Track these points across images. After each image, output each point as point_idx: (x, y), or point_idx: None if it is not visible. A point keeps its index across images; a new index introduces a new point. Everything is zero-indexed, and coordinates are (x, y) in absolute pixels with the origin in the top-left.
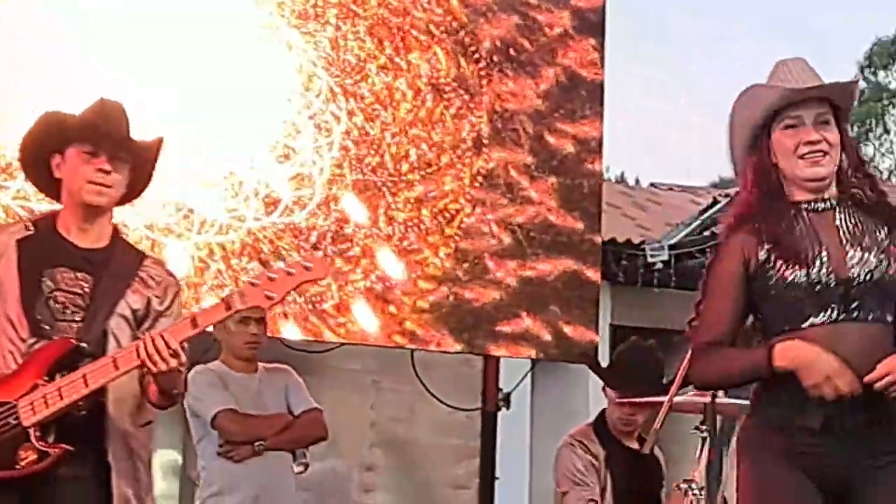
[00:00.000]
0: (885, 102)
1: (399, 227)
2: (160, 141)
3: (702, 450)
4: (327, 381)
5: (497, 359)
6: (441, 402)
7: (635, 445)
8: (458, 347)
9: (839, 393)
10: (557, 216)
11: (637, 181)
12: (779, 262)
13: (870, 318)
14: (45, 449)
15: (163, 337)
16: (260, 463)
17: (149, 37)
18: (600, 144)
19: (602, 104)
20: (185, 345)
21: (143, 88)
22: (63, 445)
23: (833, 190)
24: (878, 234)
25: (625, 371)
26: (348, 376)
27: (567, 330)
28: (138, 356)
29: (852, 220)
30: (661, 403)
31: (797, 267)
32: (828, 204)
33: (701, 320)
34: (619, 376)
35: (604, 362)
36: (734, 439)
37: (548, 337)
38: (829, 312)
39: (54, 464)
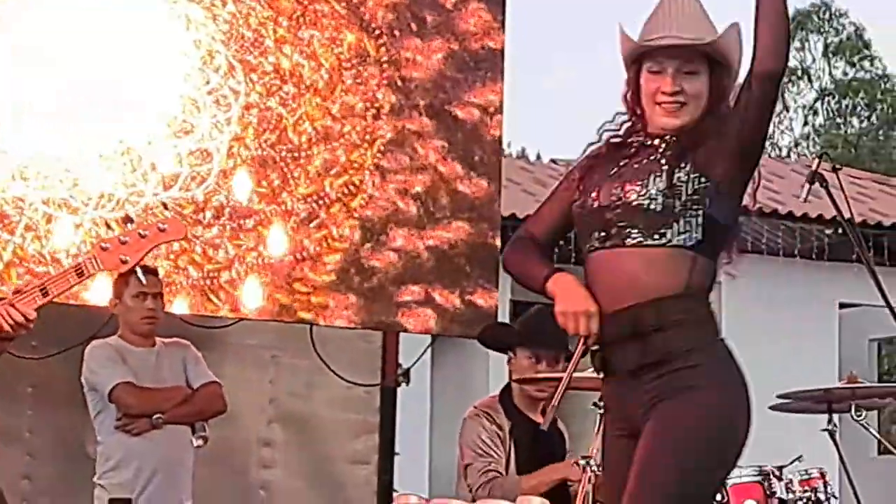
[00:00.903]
0: (785, 80)
1: (300, 200)
2: None
3: (599, 426)
4: (226, 357)
5: (396, 334)
6: (340, 377)
7: (540, 419)
8: (359, 321)
9: (577, 332)
10: (461, 184)
11: (538, 156)
12: (579, 188)
13: (643, 243)
14: None
15: (17, 308)
16: (158, 436)
17: (45, 10)
18: (500, 111)
19: (502, 74)
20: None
21: (39, 65)
22: None
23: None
24: (677, 172)
25: (532, 326)
26: (247, 351)
27: (470, 299)
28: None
29: (663, 158)
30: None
31: (582, 194)
32: (657, 141)
33: (534, 212)
34: (527, 332)
35: None
36: None
37: (450, 306)
38: (596, 239)
39: None
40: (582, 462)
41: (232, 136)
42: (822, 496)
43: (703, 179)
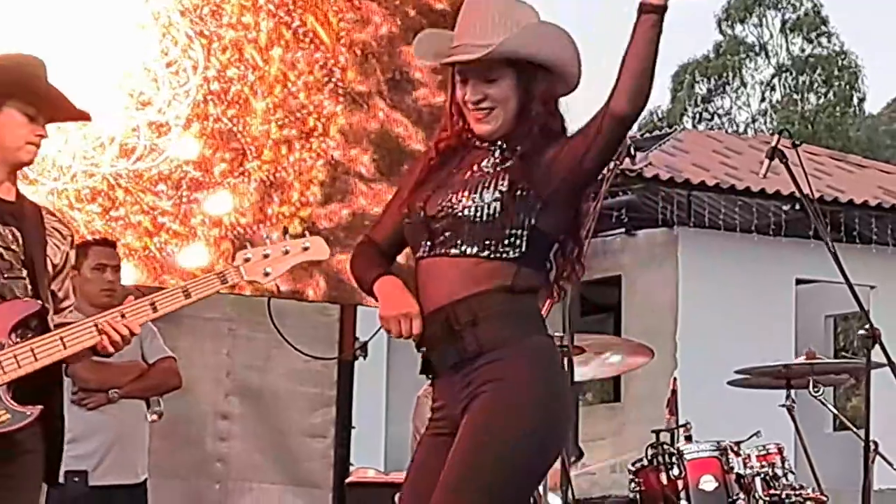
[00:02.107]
0: (742, 55)
1: (260, 171)
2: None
3: None
4: (183, 330)
5: (354, 307)
6: (297, 350)
7: None
8: (317, 294)
9: (399, 334)
10: (423, 145)
11: None
12: (412, 195)
13: (467, 252)
14: (17, 409)
15: (128, 326)
16: (114, 411)
17: None
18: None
19: None
20: None
21: None
22: (38, 406)
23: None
24: (502, 181)
25: None
26: (204, 324)
27: None
28: (117, 336)
29: (483, 164)
30: None
31: (413, 202)
32: (487, 146)
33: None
34: None
35: None
36: None
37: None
38: (424, 246)
39: (30, 424)
40: None
41: (190, 108)
42: (779, 471)
43: (531, 193)
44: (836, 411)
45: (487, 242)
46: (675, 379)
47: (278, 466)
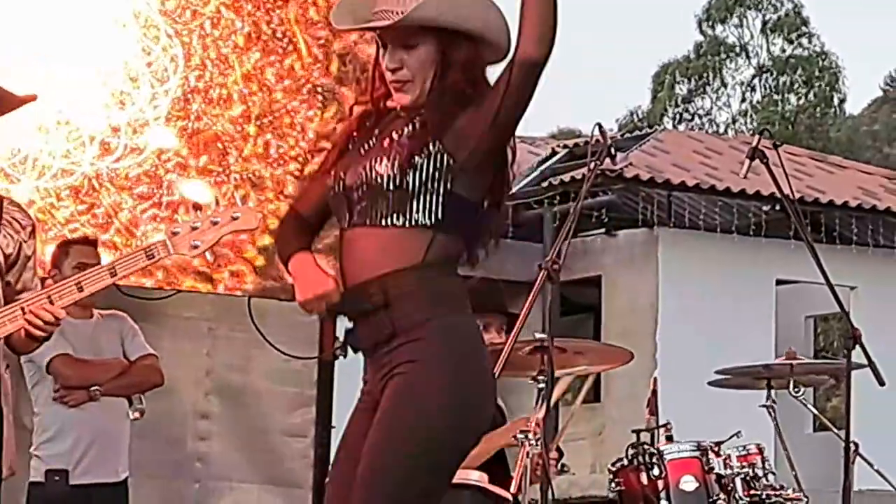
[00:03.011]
0: (723, 56)
1: (239, 170)
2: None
3: (538, 400)
4: (163, 329)
5: None
6: (277, 349)
7: None
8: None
9: (318, 310)
10: None
11: None
12: (335, 165)
13: (382, 222)
14: None
15: (51, 312)
16: (95, 408)
17: None
18: None
19: None
20: None
21: None
22: None
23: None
24: (416, 149)
25: (477, 294)
26: (184, 324)
27: None
28: (40, 322)
29: (400, 132)
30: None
31: (336, 172)
32: (405, 115)
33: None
34: (473, 300)
35: None
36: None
37: None
38: (345, 218)
39: None
40: (520, 436)
41: (169, 107)
42: (759, 471)
43: (445, 158)
44: (816, 412)
45: (402, 210)
46: (655, 379)
47: (258, 466)
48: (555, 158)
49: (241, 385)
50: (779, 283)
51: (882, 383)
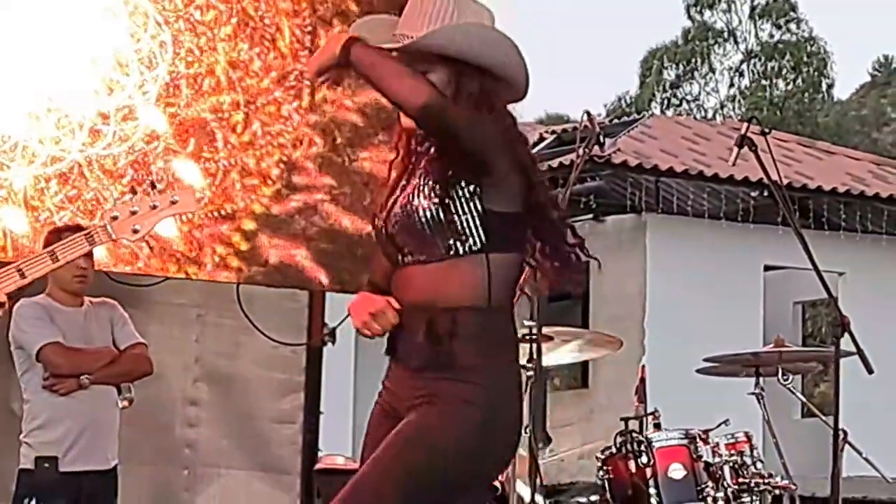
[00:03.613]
0: (711, 41)
1: (228, 157)
2: None
3: (527, 389)
4: (152, 316)
5: (323, 293)
6: (266, 336)
7: None
8: (285, 280)
9: (375, 331)
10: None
11: None
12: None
13: (420, 259)
14: None
15: None
16: (85, 396)
17: None
18: None
19: None
20: None
21: None
22: None
23: None
24: (426, 179)
25: None
26: (173, 310)
27: None
28: None
29: (427, 166)
30: None
31: (381, 209)
32: (425, 144)
33: None
34: None
35: None
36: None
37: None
38: (398, 259)
39: None
40: None
41: (158, 94)
42: (748, 459)
43: (463, 181)
44: (804, 399)
45: (445, 242)
46: (643, 367)
47: (247, 452)
48: (543, 144)
49: (229, 372)
50: (767, 268)
51: (871, 371)
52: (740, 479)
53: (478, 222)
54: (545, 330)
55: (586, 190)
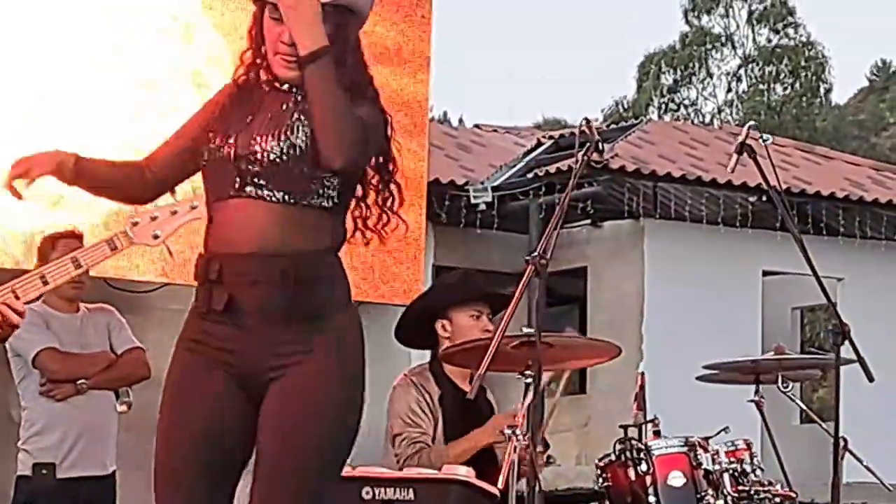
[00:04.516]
0: (709, 46)
1: None
2: None
3: (525, 395)
4: (150, 321)
5: None
6: None
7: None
8: None
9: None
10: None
11: (461, 121)
12: (211, 131)
13: (276, 196)
14: None
15: (16, 309)
16: (83, 402)
17: None
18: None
19: (429, 41)
20: None
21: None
22: None
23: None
24: (306, 126)
25: (468, 282)
26: (172, 316)
27: (393, 263)
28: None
29: (289, 107)
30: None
31: (214, 138)
32: (286, 87)
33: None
34: (465, 288)
35: None
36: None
37: (373, 271)
38: (231, 187)
39: None
40: (507, 431)
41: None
42: (748, 467)
43: None
44: (803, 406)
45: (299, 187)
46: (642, 374)
47: None
48: (540, 149)
49: None
50: (765, 274)
51: (871, 379)
52: (740, 487)
53: (335, 183)
54: (544, 336)
55: (584, 195)
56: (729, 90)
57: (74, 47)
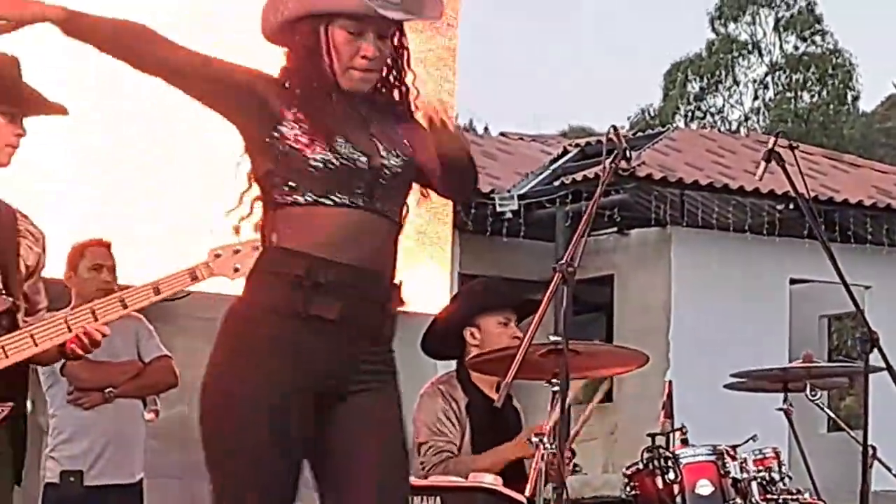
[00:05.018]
0: (735, 54)
1: None
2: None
3: (553, 403)
4: (177, 330)
5: None
6: None
7: (496, 395)
8: None
9: None
10: None
11: (486, 129)
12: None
13: (387, 213)
14: None
15: (100, 331)
16: (110, 410)
17: None
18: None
19: (454, 49)
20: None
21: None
22: (8, 403)
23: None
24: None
25: (496, 289)
26: (199, 325)
27: (419, 272)
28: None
29: (381, 121)
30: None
31: (317, 134)
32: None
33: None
34: (494, 295)
35: None
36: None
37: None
38: (357, 195)
39: (2, 420)
40: (535, 439)
41: None
42: (776, 475)
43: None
44: (832, 414)
45: (402, 207)
46: (670, 382)
47: None
48: (567, 157)
49: None
50: (793, 282)
51: None
52: (769, 496)
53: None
54: (571, 344)
55: (611, 203)
56: (756, 98)
57: None
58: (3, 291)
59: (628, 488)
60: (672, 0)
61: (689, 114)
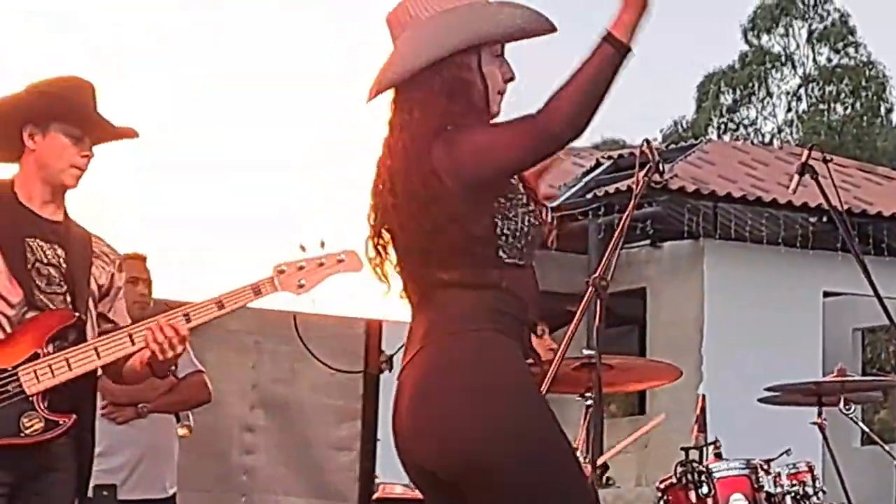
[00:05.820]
0: (769, 66)
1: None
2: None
3: (586, 416)
4: (209, 342)
5: (380, 321)
6: (323, 363)
7: None
8: (341, 310)
9: None
10: None
11: None
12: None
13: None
14: (51, 418)
15: (173, 327)
16: (144, 425)
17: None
18: None
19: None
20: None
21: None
22: (71, 415)
23: None
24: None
25: None
26: (230, 337)
27: None
28: (154, 340)
29: None
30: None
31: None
32: None
33: None
34: None
35: None
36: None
37: None
38: (525, 254)
39: (65, 433)
40: None
41: None
42: (809, 490)
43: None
44: (865, 428)
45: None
46: (703, 396)
47: (303, 479)
48: (599, 170)
49: (286, 398)
50: (826, 295)
51: None
52: None
53: None
54: (604, 358)
55: (643, 216)
56: (789, 110)
57: None
58: (71, 306)
59: (661, 502)
60: (705, 12)
61: (722, 126)
